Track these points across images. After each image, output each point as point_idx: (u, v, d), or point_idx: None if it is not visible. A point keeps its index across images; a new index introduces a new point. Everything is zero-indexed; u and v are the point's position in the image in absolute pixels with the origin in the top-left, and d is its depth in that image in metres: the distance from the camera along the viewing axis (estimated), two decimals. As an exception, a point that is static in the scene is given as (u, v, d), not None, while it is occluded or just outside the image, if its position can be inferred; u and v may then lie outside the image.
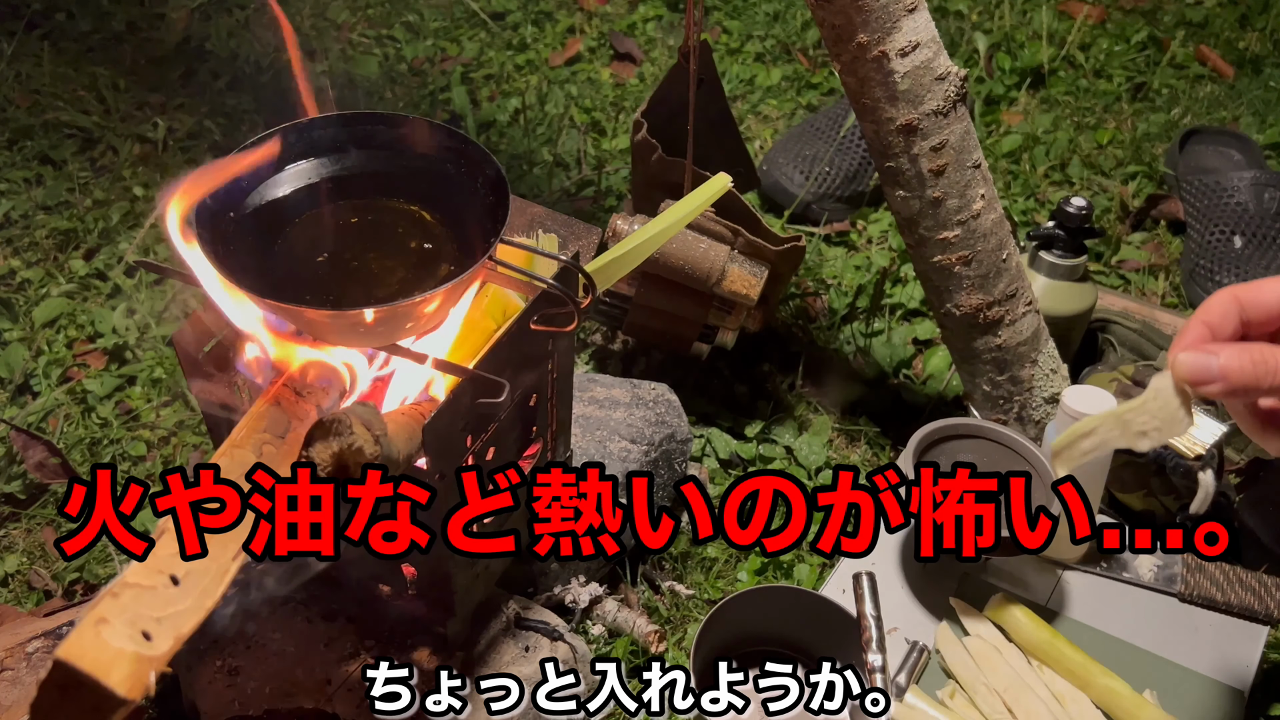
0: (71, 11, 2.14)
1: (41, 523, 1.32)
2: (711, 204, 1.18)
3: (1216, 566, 1.16)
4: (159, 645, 0.62)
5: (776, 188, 1.75)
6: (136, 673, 0.60)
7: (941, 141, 1.11)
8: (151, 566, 0.66)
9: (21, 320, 1.56)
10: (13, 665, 1.03)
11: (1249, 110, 1.96)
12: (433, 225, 0.93)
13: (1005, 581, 1.16)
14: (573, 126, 1.91)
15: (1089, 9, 2.17)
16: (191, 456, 1.38)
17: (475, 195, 0.93)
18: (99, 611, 0.61)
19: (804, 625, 1.09)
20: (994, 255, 1.17)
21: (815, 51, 2.11)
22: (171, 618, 0.64)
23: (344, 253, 0.91)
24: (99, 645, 0.60)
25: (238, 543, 0.70)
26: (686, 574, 1.24)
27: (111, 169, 1.82)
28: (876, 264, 1.65)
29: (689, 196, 1.18)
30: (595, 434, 1.30)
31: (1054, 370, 1.25)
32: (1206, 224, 1.65)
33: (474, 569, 1.05)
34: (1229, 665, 1.09)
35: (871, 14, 1.05)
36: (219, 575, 0.68)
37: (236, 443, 0.76)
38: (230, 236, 0.88)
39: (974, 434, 1.16)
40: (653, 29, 2.17)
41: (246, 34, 2.12)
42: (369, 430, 0.81)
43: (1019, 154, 1.86)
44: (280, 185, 0.93)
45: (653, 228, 1.13)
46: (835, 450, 1.40)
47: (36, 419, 1.43)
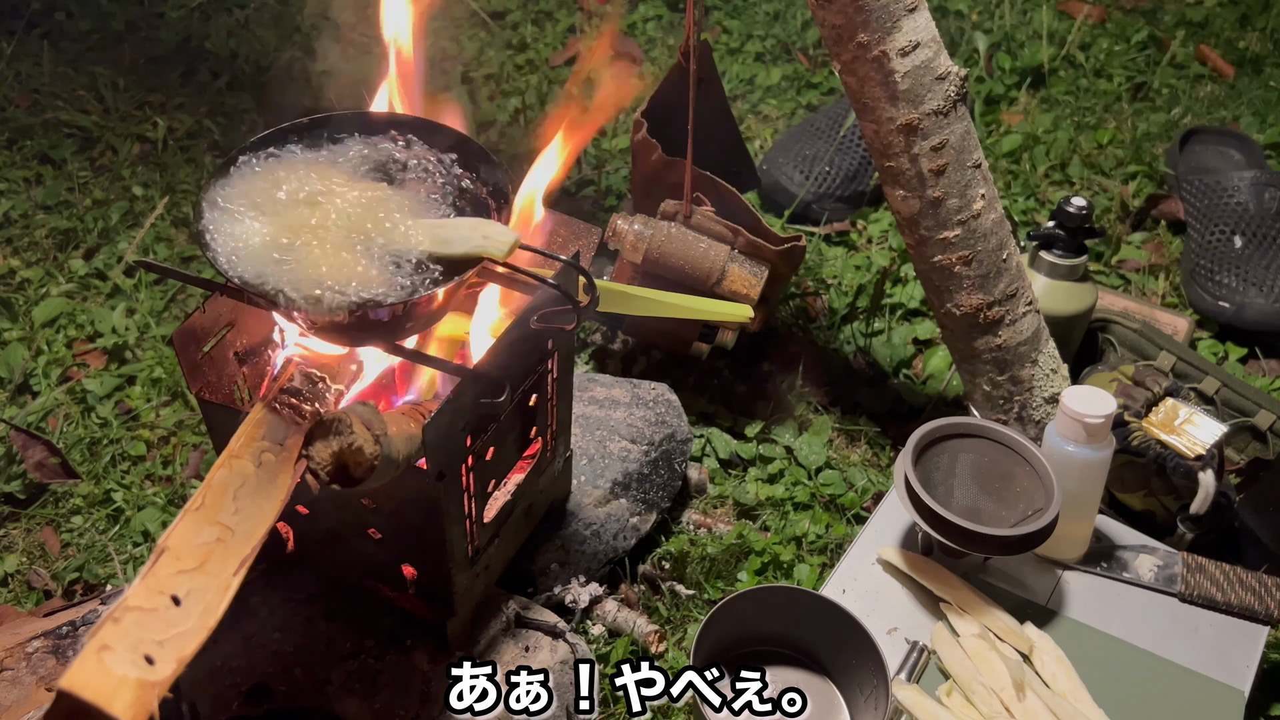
0: (71, 11, 2.15)
1: (41, 522, 1.32)
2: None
3: (1216, 566, 1.16)
4: (162, 669, 0.61)
5: (776, 187, 1.75)
6: (140, 699, 0.60)
7: (942, 141, 1.11)
8: (152, 587, 0.66)
9: (21, 320, 1.56)
10: (13, 665, 1.03)
11: (1249, 110, 1.96)
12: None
13: (1005, 582, 1.16)
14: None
15: (1089, 9, 2.17)
16: (191, 456, 1.38)
17: (476, 196, 0.93)
18: (101, 638, 0.61)
19: (804, 625, 1.09)
20: (994, 255, 1.17)
21: (815, 51, 2.11)
22: (174, 640, 0.63)
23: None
24: (102, 673, 0.60)
25: (239, 557, 0.70)
26: (686, 574, 1.24)
27: (111, 168, 1.82)
28: (876, 264, 1.65)
29: (707, 300, 1.27)
30: (595, 434, 1.30)
31: (1054, 370, 1.25)
32: (1207, 224, 1.65)
33: (474, 569, 1.05)
34: (1229, 665, 1.09)
35: (872, 14, 1.05)
36: (221, 592, 0.67)
37: (235, 453, 0.76)
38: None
39: (974, 434, 1.16)
40: (653, 29, 2.17)
41: (246, 34, 2.12)
42: (369, 430, 0.81)
43: (1019, 154, 1.86)
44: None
45: (660, 295, 1.19)
46: (835, 450, 1.40)
47: (36, 419, 1.43)
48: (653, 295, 1.24)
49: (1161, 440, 1.21)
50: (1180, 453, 1.19)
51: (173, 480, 1.36)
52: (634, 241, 1.38)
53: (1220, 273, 1.58)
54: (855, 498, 1.33)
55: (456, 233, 0.86)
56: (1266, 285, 1.55)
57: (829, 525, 1.29)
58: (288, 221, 0.88)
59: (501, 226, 0.88)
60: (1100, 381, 1.31)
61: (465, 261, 0.88)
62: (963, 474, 1.14)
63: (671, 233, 1.38)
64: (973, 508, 1.12)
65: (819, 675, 1.10)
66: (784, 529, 1.29)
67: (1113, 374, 1.31)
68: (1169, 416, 1.24)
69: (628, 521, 1.24)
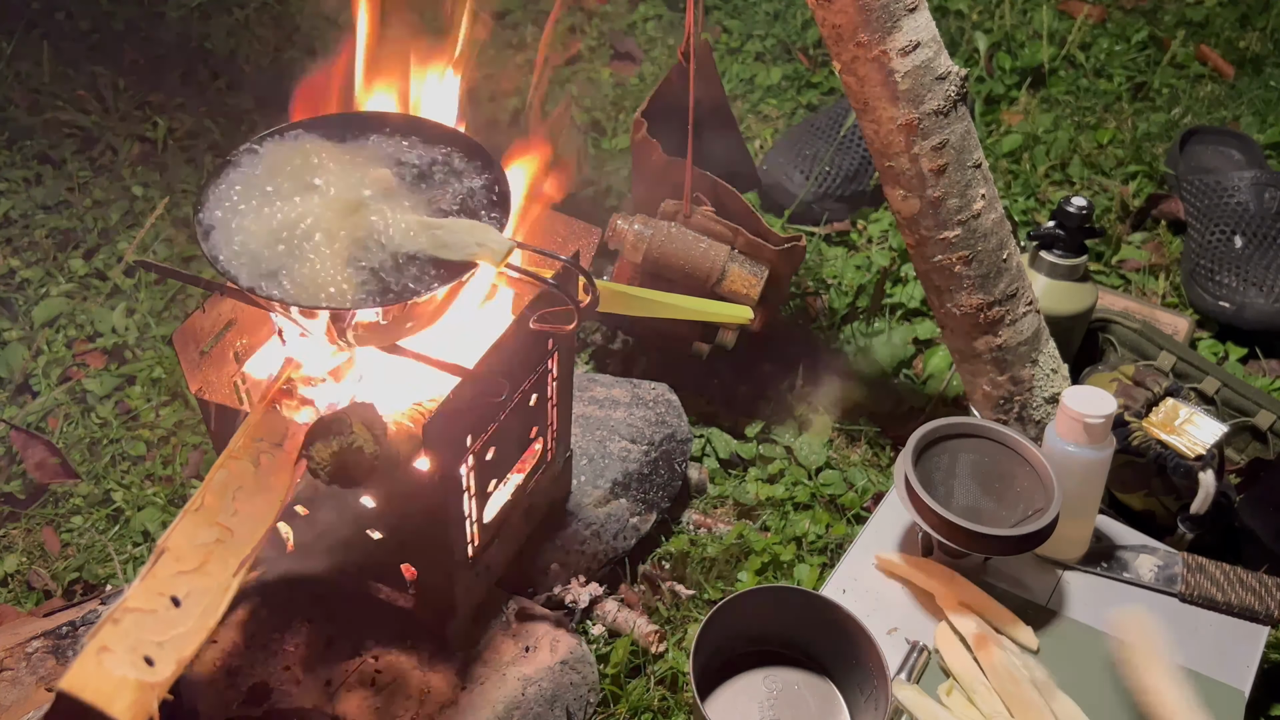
0: (71, 11, 2.14)
1: (41, 522, 1.32)
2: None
3: (1216, 566, 1.16)
4: (161, 670, 0.61)
5: (776, 187, 1.75)
6: (140, 701, 0.60)
7: (942, 141, 1.11)
8: (152, 588, 0.66)
9: (21, 320, 1.56)
10: (13, 665, 1.03)
11: (1249, 110, 1.96)
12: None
13: (1005, 582, 1.16)
14: (573, 126, 1.91)
15: (1089, 8, 2.17)
16: (191, 456, 1.38)
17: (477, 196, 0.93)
18: (100, 640, 0.61)
19: (804, 625, 1.09)
20: (994, 255, 1.17)
21: (815, 51, 2.11)
22: (173, 641, 0.63)
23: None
24: (101, 675, 0.60)
25: (239, 557, 0.70)
26: (687, 574, 1.24)
27: (111, 168, 1.82)
28: (877, 264, 1.65)
29: (707, 301, 1.27)
30: (595, 434, 1.30)
31: (1054, 370, 1.25)
32: (1207, 224, 1.65)
33: (474, 569, 1.05)
34: (1229, 665, 1.09)
35: (872, 13, 1.05)
36: (220, 593, 0.67)
37: (234, 454, 0.76)
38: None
39: (974, 434, 1.16)
40: (653, 29, 2.17)
41: (246, 34, 2.12)
42: (369, 430, 0.81)
43: (1019, 153, 1.86)
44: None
45: (660, 296, 1.19)
46: (835, 450, 1.40)
47: (36, 419, 1.43)
48: (653, 296, 1.24)
49: (1162, 440, 1.21)
50: (1180, 453, 1.19)
51: (173, 480, 1.36)
52: (634, 241, 1.38)
53: (1220, 273, 1.58)
54: (855, 498, 1.33)
55: (454, 236, 0.86)
56: (1266, 285, 1.55)
57: (829, 525, 1.29)
58: (288, 219, 0.88)
59: (496, 233, 0.88)
60: (1100, 381, 1.31)
61: (462, 264, 0.88)
62: (963, 474, 1.14)
63: (671, 233, 1.38)
64: (973, 508, 1.12)
65: (819, 675, 1.10)
66: (784, 529, 1.29)
67: (1113, 374, 1.31)
68: (1169, 416, 1.24)
69: (628, 521, 1.24)
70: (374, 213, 0.89)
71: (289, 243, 0.87)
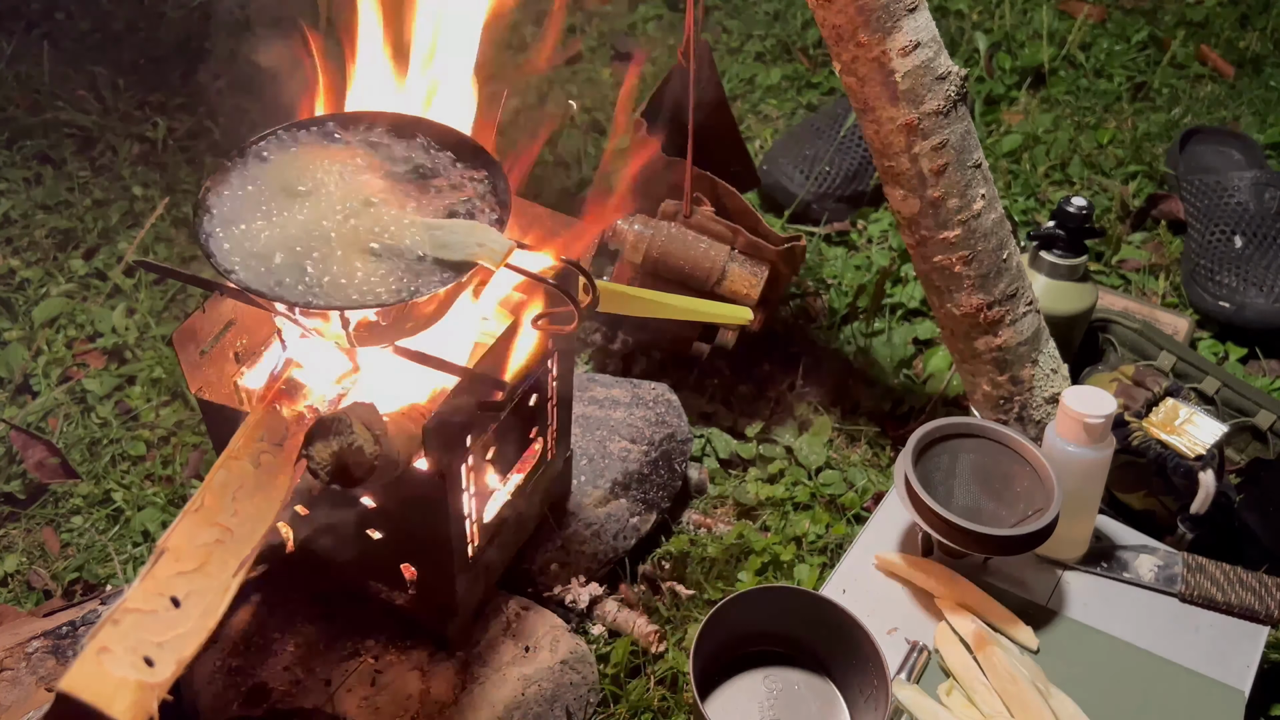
0: (71, 11, 2.14)
1: (41, 522, 1.32)
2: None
3: (1216, 566, 1.16)
4: (161, 671, 0.61)
5: (776, 187, 1.75)
6: (140, 702, 0.60)
7: (942, 141, 1.11)
8: (151, 589, 0.66)
9: (21, 320, 1.56)
10: (13, 665, 1.03)
11: (1249, 110, 1.96)
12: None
13: (1005, 582, 1.16)
14: (573, 126, 1.91)
15: (1089, 8, 2.17)
16: (191, 456, 1.38)
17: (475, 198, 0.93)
18: (100, 640, 0.61)
19: (804, 626, 1.09)
20: (994, 255, 1.17)
21: (815, 51, 2.11)
22: (173, 642, 0.63)
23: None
24: (101, 675, 0.60)
25: (238, 558, 0.70)
26: (687, 574, 1.24)
27: (111, 168, 1.82)
28: (877, 264, 1.65)
29: (707, 302, 1.27)
30: (595, 434, 1.30)
31: (1054, 370, 1.25)
32: (1207, 224, 1.65)
33: (474, 569, 1.05)
34: (1229, 665, 1.09)
35: (872, 13, 1.05)
36: (220, 593, 0.67)
37: (234, 453, 0.76)
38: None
39: (974, 434, 1.16)
40: (653, 29, 2.17)
41: (246, 34, 2.12)
42: (369, 430, 0.81)
43: (1019, 154, 1.86)
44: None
45: (660, 296, 1.19)
46: (835, 450, 1.40)
47: (36, 418, 1.43)
48: (653, 296, 1.24)
49: (1162, 440, 1.21)
50: (1180, 453, 1.19)
51: (173, 480, 1.36)
52: (634, 241, 1.38)
53: (1220, 272, 1.58)
54: (855, 498, 1.33)
55: (453, 237, 0.86)
56: (1267, 285, 1.55)
57: (829, 525, 1.29)
58: (288, 218, 0.88)
59: (496, 234, 0.88)
60: (1100, 381, 1.31)
61: (462, 263, 0.88)
62: (963, 474, 1.14)
63: (671, 233, 1.38)
64: (973, 508, 1.12)
65: (819, 675, 1.10)
66: (784, 529, 1.29)
67: (1113, 374, 1.31)
68: (1169, 416, 1.24)
69: (628, 521, 1.24)
70: (375, 212, 0.89)
71: (290, 243, 0.87)
